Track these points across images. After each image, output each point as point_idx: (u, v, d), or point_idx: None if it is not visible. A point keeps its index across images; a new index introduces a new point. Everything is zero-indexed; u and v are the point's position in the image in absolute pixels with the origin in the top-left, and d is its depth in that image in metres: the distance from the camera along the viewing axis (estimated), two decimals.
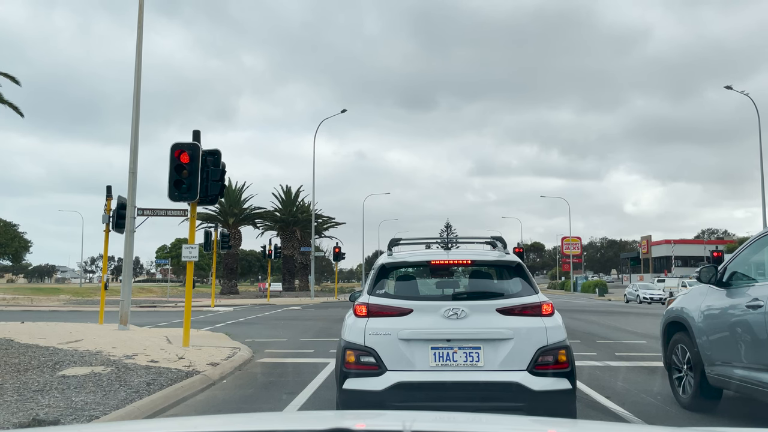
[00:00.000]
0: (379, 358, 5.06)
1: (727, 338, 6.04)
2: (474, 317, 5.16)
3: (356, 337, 5.18)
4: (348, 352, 5.15)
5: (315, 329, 17.24)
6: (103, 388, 7.05)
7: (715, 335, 6.24)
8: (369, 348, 5.10)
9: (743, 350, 5.77)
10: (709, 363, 6.28)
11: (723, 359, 6.07)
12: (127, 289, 15.97)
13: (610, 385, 8.17)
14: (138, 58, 16.18)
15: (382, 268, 5.74)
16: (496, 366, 5.03)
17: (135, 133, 16.18)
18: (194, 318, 23.34)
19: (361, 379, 5.04)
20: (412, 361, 5.06)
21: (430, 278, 6.47)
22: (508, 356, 5.04)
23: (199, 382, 7.92)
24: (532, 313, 5.24)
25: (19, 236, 78.37)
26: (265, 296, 45.74)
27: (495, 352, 5.07)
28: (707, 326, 6.38)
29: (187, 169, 11.54)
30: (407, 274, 6.12)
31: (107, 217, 18.50)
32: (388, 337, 5.12)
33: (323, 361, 10.20)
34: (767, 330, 5.37)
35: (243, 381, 8.70)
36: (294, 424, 2.14)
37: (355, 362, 5.11)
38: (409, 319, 5.19)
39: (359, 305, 5.42)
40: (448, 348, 5.08)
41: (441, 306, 5.24)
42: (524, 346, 5.06)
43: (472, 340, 5.09)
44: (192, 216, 12.30)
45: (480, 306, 5.27)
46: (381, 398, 4.93)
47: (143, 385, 7.27)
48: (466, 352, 5.07)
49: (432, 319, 5.16)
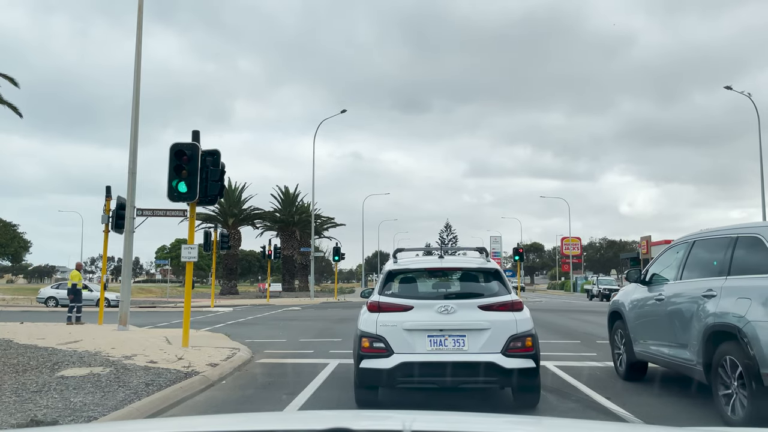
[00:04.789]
0: (387, 343, 6.39)
1: (645, 323, 7.99)
2: (461, 312, 6.49)
3: (370, 328, 6.51)
4: (363, 339, 6.48)
5: (315, 330, 17.22)
6: (101, 389, 7.02)
7: (638, 321, 8.19)
8: (380, 336, 6.44)
9: (653, 331, 7.70)
10: (635, 342, 8.17)
11: (643, 339, 7.98)
12: (127, 289, 15.94)
13: (612, 386, 8.15)
14: (137, 55, 16.16)
15: (389, 273, 7.07)
16: (477, 349, 6.35)
17: (134, 133, 16.15)
18: (194, 318, 23.31)
19: (374, 359, 6.37)
20: (413, 345, 6.39)
21: (427, 281, 7.80)
22: (487, 342, 6.37)
23: (198, 383, 7.90)
24: (505, 309, 6.57)
25: (18, 236, 78.27)
26: (264, 297, 45.68)
27: (476, 339, 6.40)
28: (634, 315, 8.36)
29: (187, 169, 11.52)
30: (409, 277, 7.32)
31: (107, 218, 18.47)
32: (395, 328, 6.45)
33: (323, 362, 10.18)
34: (666, 316, 7.30)
35: (242, 382, 8.68)
36: (294, 424, 2.13)
37: (369, 347, 6.42)
38: (410, 314, 6.52)
39: (372, 303, 6.72)
40: (441, 336, 6.43)
41: (435, 304, 6.59)
42: (499, 334, 6.39)
43: (459, 330, 6.41)
44: (191, 216, 12.27)
45: (465, 304, 6.63)
46: (389, 374, 6.30)
47: (142, 386, 7.25)
48: (454, 339, 6.41)
49: (428, 314, 6.49)
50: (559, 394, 7.60)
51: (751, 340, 5.49)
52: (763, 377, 5.34)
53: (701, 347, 6.38)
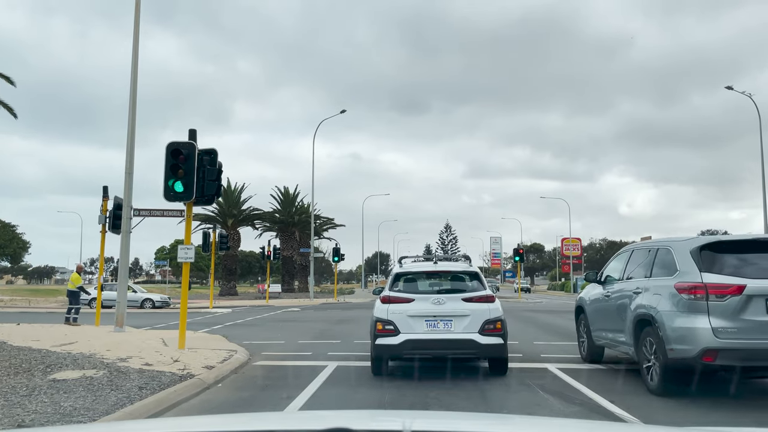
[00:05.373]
0: (395, 326, 8.60)
1: (599, 315, 9.89)
2: (449, 303, 8.75)
3: (382, 314, 8.77)
4: (378, 323, 8.72)
5: (314, 331, 17.04)
6: (93, 393, 6.84)
7: (595, 314, 10.09)
8: (390, 320, 8.65)
9: (604, 321, 9.53)
10: (593, 330, 10.02)
11: (598, 328, 9.85)
12: (123, 290, 15.78)
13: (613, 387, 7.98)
14: (134, 55, 16.01)
15: (397, 274, 9.49)
16: (461, 330, 8.56)
17: (131, 133, 15.99)
18: (192, 320, 23.13)
19: (386, 338, 8.60)
20: (414, 327, 8.60)
21: (425, 280, 9.86)
22: (468, 325, 8.59)
23: (193, 386, 7.72)
24: (482, 301, 8.82)
25: (17, 237, 78.01)
26: (264, 298, 45.50)
27: (460, 322, 8.63)
28: (591, 309, 10.29)
29: (183, 168, 11.35)
30: (411, 278, 9.61)
31: (104, 218, 18.31)
32: (401, 314, 8.67)
33: (322, 364, 10.00)
34: (612, 309, 9.16)
35: (239, 384, 8.51)
36: (294, 424, 2.12)
37: (382, 329, 8.65)
38: (412, 305, 8.79)
39: (384, 296, 9.06)
40: (435, 320, 8.64)
41: (430, 297, 8.90)
42: (477, 319, 8.60)
43: (447, 316, 8.64)
44: (188, 216, 12.11)
45: (452, 297, 8.88)
46: (397, 348, 8.55)
47: (135, 390, 7.07)
48: (444, 322, 8.64)
49: (425, 305, 8.77)
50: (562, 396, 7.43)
51: (660, 324, 7.37)
52: (668, 351, 7.18)
53: (632, 332, 8.18)
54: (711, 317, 6.90)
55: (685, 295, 7.13)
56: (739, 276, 7.03)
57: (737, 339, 6.83)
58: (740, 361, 6.95)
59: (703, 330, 6.88)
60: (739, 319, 6.85)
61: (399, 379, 8.71)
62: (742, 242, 7.64)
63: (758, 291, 6.85)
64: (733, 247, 7.51)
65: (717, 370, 7.24)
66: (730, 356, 6.87)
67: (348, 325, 19.54)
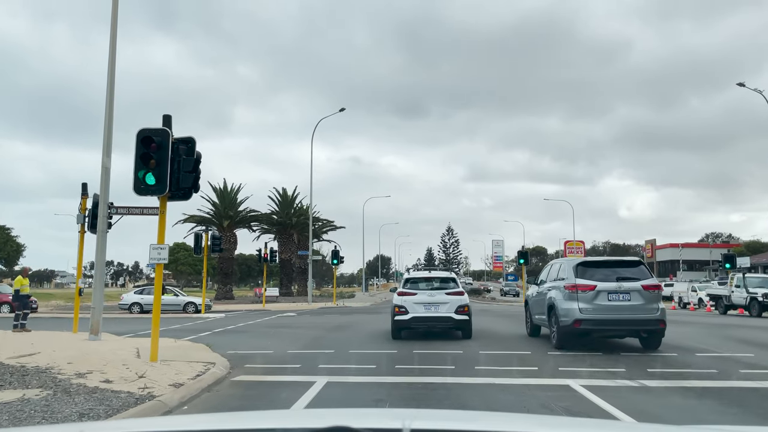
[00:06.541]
0: (406, 309, 14.88)
1: (535, 305, 15.29)
2: (437, 295, 15.05)
3: (398, 302, 15.02)
4: (396, 307, 14.99)
5: (306, 339, 15.73)
6: (18, 422, 5.55)
7: (534, 304, 15.52)
8: (403, 305, 14.93)
9: (537, 308, 14.94)
10: (532, 315, 15.58)
11: (534, 313, 15.34)
12: (99, 295, 14.46)
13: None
14: (111, 49, 14.77)
15: (407, 279, 15.98)
16: (444, 311, 14.85)
17: (108, 129, 14.72)
18: (180, 326, 21.83)
19: (400, 316, 14.88)
20: (417, 309, 14.86)
21: (423, 282, 15.68)
22: (448, 308, 14.86)
23: (150, 410, 6.43)
24: (456, 294, 15.13)
25: (12, 240, 76.67)
26: (260, 302, 44.17)
27: (444, 306, 14.87)
28: (532, 301, 15.79)
29: (155, 158, 10.10)
30: (415, 281, 15.75)
31: (82, 217, 17.09)
32: (409, 302, 14.94)
33: (309, 380, 8.69)
34: (541, 300, 14.37)
35: (209, 406, 7.23)
36: (294, 423, 2.03)
37: (398, 310, 14.89)
38: (415, 296, 15.06)
39: (399, 291, 15.49)
40: (429, 305, 14.90)
41: (426, 292, 15.21)
42: (453, 305, 14.88)
43: (436, 303, 14.91)
44: (162, 212, 10.81)
45: (439, 292, 15.15)
46: (406, 323, 14.89)
47: (74, 417, 5.77)
48: (434, 307, 14.88)
49: (424, 296, 15.08)
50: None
51: (557, 308, 12.76)
52: (560, 322, 12.49)
53: (547, 313, 13.56)
54: (579, 302, 12.33)
55: (568, 290, 12.57)
56: (594, 280, 12.46)
57: (592, 315, 12.20)
58: (593, 325, 12.26)
59: (575, 309, 12.29)
60: (593, 303, 12.28)
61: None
62: (597, 262, 13.41)
63: (603, 288, 12.32)
64: (593, 264, 13.12)
65: (586, 333, 12.46)
66: (588, 323, 12.19)
67: (344, 332, 18.22)
